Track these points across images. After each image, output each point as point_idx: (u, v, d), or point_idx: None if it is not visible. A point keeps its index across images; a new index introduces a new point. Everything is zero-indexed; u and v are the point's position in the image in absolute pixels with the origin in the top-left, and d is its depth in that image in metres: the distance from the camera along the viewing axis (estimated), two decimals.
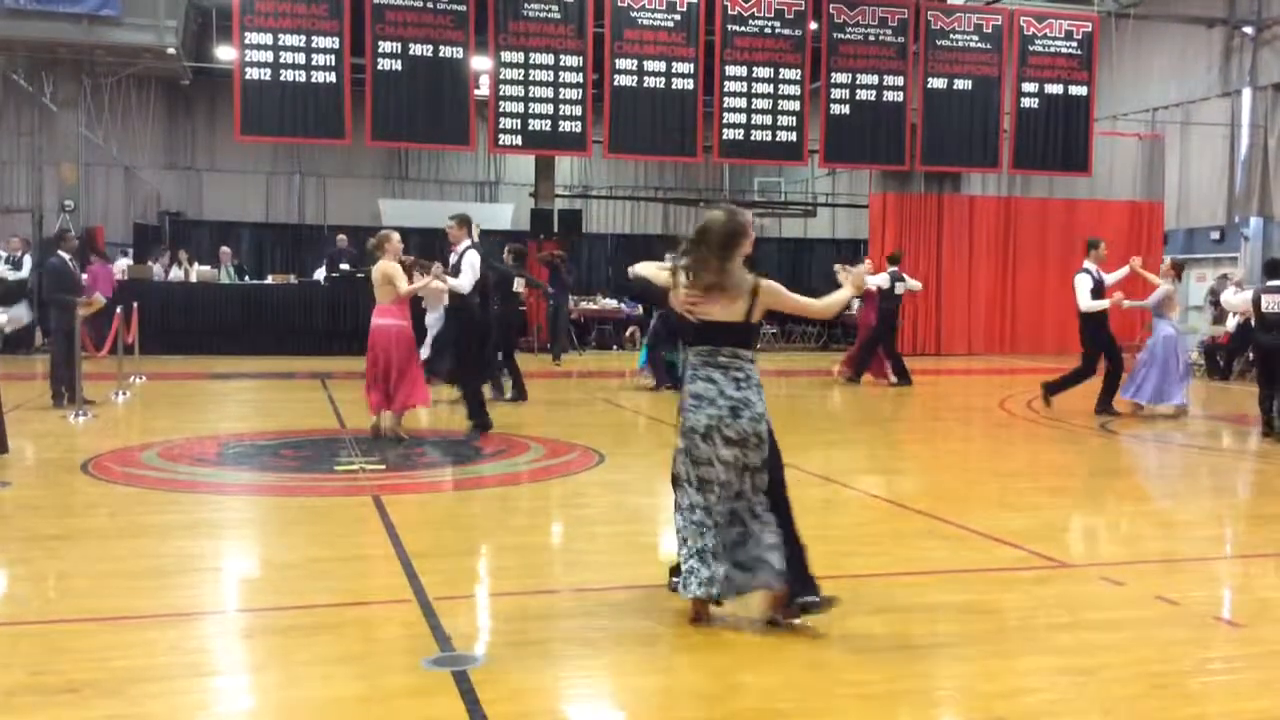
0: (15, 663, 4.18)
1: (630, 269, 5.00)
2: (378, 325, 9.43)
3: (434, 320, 14.43)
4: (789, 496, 4.80)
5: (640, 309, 21.00)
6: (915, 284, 16.24)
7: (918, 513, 7.16)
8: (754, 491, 4.62)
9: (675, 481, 4.72)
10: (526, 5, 18.85)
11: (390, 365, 9.33)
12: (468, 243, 10.03)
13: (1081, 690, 4.07)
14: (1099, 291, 12.06)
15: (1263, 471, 9.64)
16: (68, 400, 11.34)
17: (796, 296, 4.86)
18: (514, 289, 13.49)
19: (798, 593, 4.60)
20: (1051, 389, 12.61)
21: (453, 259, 10.09)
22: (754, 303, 4.60)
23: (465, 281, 9.90)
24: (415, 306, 11.53)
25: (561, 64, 19.03)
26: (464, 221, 10.15)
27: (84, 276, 14.04)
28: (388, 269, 9.29)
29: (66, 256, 11.96)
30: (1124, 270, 12.62)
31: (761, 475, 4.63)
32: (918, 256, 21.75)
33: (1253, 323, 10.55)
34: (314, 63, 18.05)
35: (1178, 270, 12.61)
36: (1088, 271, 12.12)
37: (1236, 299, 10.64)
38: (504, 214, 29.34)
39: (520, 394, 12.70)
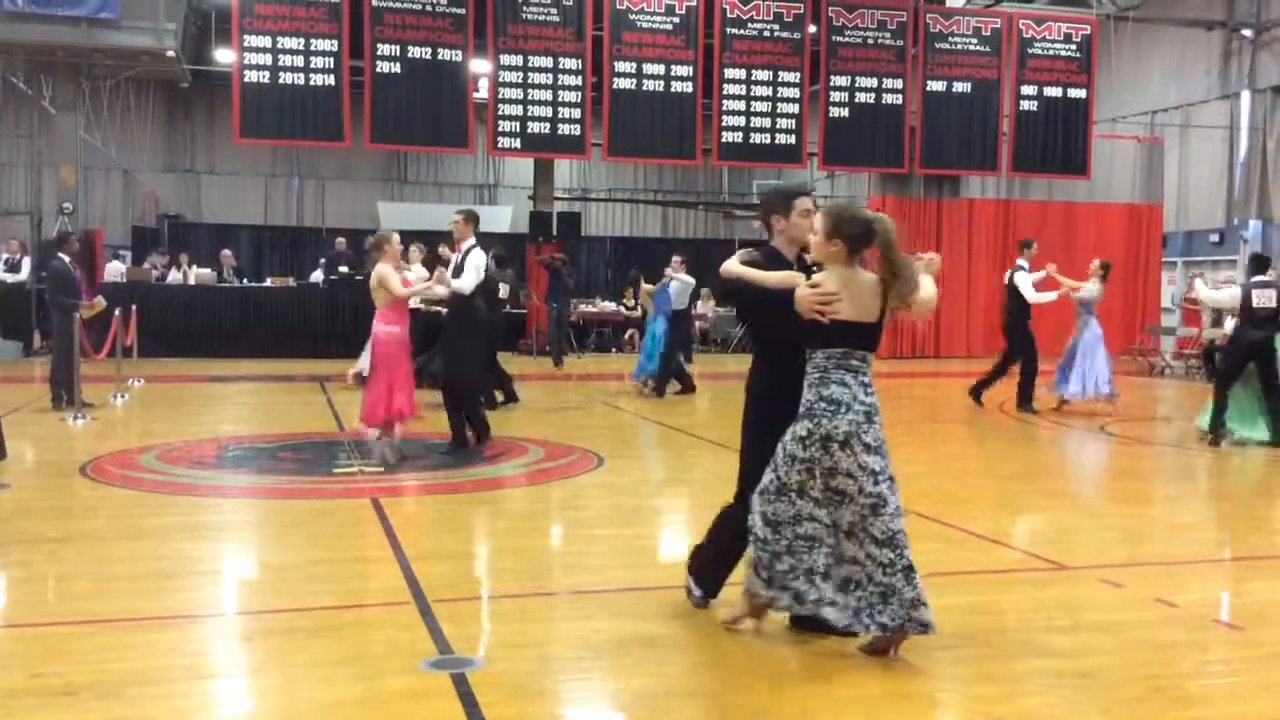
0: (14, 665, 4.18)
1: (726, 267, 4.55)
2: (375, 332, 8.76)
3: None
4: None
5: (640, 311, 20.99)
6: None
7: (917, 515, 7.14)
8: (892, 502, 4.28)
9: (769, 493, 4.36)
10: (525, 8, 18.85)
11: (383, 375, 8.56)
12: (473, 241, 9.20)
13: (1080, 693, 4.07)
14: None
15: (1261, 473, 9.64)
16: (67, 403, 11.34)
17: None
18: (499, 295, 13.41)
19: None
20: (1024, 402, 12.90)
21: (455, 258, 9.30)
22: (885, 303, 4.34)
23: (467, 282, 9.05)
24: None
25: (560, 67, 19.03)
26: (470, 217, 9.31)
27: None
28: (381, 273, 8.61)
29: (67, 259, 11.96)
30: (1041, 273, 13.02)
31: (894, 485, 4.33)
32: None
33: (1234, 320, 10.49)
34: (313, 65, 18.04)
35: (1106, 270, 12.96)
36: (1024, 268, 12.85)
37: (1223, 294, 10.51)
38: (503, 216, 29.33)
39: (510, 397, 12.63)
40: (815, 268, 4.48)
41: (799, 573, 4.30)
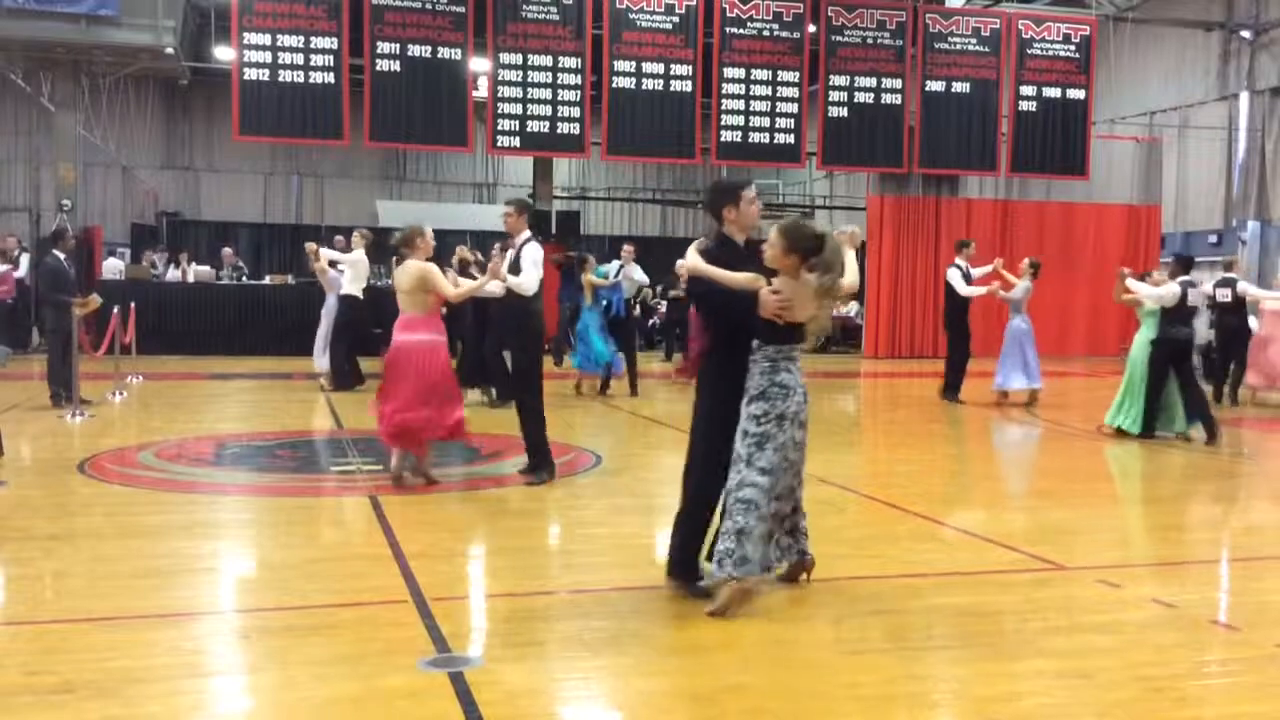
0: (10, 663, 4.18)
1: (694, 266, 5.08)
2: (405, 342, 7.67)
3: (329, 309, 14.40)
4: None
5: (639, 310, 20.96)
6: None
7: (914, 515, 7.17)
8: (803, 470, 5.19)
9: (748, 466, 4.93)
10: (525, 7, 18.85)
11: (428, 389, 7.62)
12: (528, 234, 8.00)
13: (1077, 693, 4.08)
14: (967, 283, 13.61)
15: (1259, 474, 9.65)
16: (65, 400, 11.33)
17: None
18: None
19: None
20: (949, 391, 13.61)
21: (510, 254, 8.10)
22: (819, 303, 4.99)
23: (530, 280, 7.84)
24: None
25: (560, 65, 19.03)
26: (524, 208, 8.16)
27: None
28: (424, 271, 7.65)
29: (63, 256, 11.95)
30: (988, 268, 13.88)
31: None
32: (915, 259, 21.78)
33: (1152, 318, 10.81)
34: (312, 63, 18.04)
35: (1035, 269, 13.64)
36: (958, 266, 13.66)
37: (1163, 291, 10.66)
38: None
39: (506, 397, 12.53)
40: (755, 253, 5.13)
41: (731, 534, 4.92)
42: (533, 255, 7.90)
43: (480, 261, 12.01)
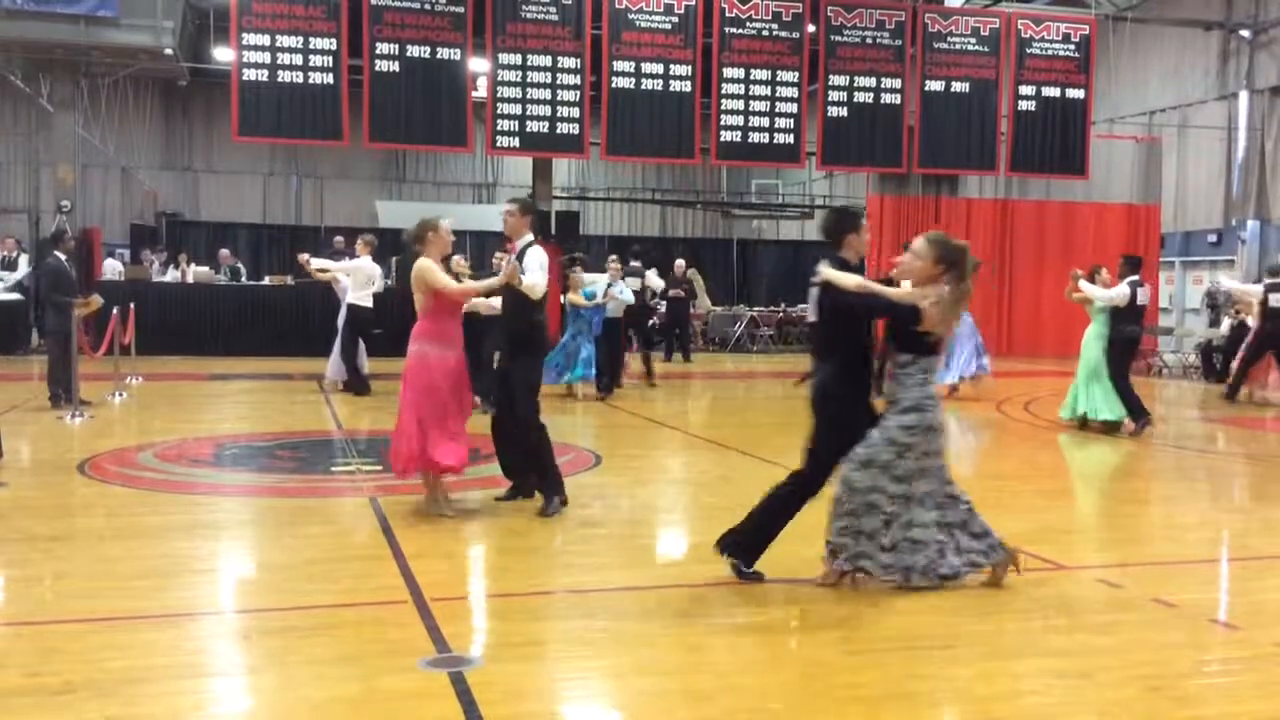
0: (11, 663, 4.18)
1: (844, 281, 5.22)
2: (408, 353, 6.84)
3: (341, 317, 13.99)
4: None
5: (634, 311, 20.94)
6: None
7: None
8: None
9: (854, 463, 5.19)
10: (524, 7, 18.83)
11: (410, 409, 6.77)
12: (529, 237, 7.20)
13: (1078, 693, 4.08)
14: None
15: (1259, 474, 9.65)
16: (65, 401, 11.33)
17: None
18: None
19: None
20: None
21: (509, 257, 7.24)
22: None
23: (538, 282, 7.01)
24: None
25: (559, 66, 19.01)
26: (527, 208, 7.39)
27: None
28: (419, 268, 6.82)
29: (63, 257, 11.95)
30: None
31: None
32: None
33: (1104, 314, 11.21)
34: (311, 64, 18.02)
35: (975, 268, 13.59)
36: None
37: (1114, 292, 10.93)
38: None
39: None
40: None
41: (851, 532, 5.21)
42: (538, 258, 7.13)
43: (475, 275, 11.79)
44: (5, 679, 4.00)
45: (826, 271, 5.27)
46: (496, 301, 7.39)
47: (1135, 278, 11.18)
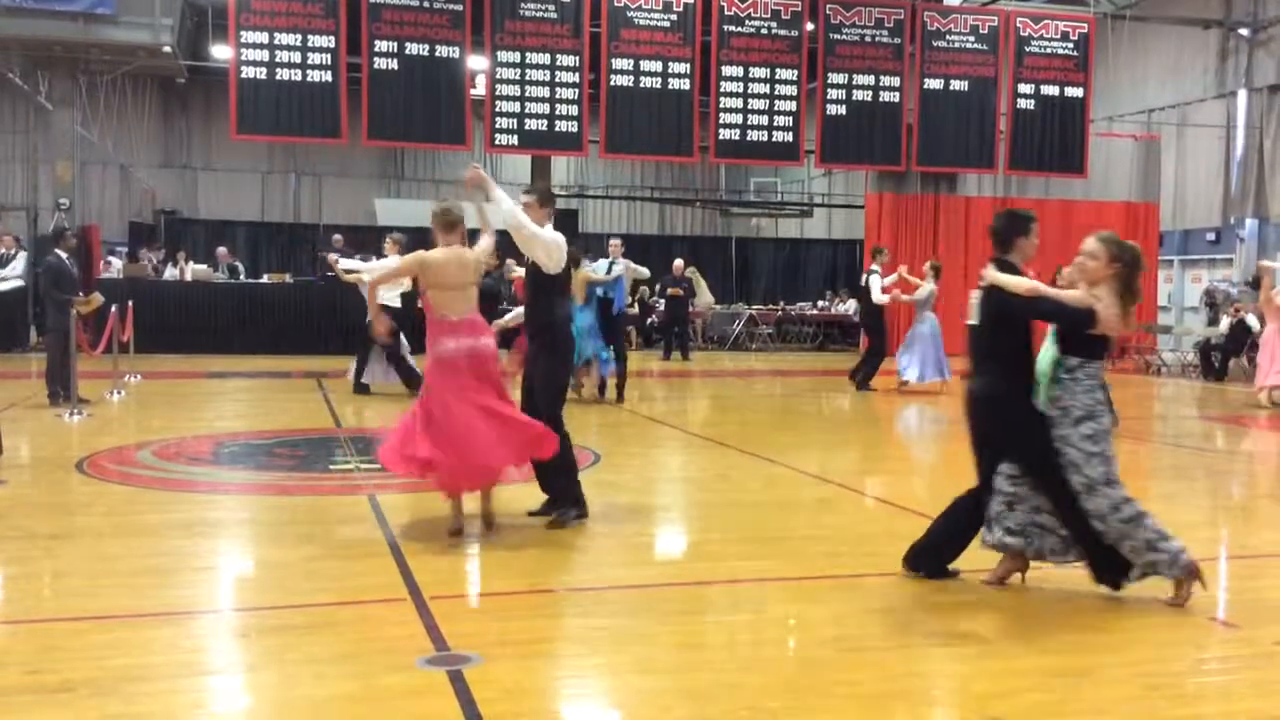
0: (10, 661, 4.17)
1: (1014, 284, 5.14)
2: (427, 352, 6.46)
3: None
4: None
5: (638, 309, 20.99)
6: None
7: (913, 513, 7.15)
8: None
9: (1094, 494, 5.06)
10: (523, 5, 18.82)
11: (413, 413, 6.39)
12: (549, 228, 6.79)
13: (1076, 691, 4.08)
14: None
15: (1259, 473, 9.65)
16: (63, 399, 11.32)
17: None
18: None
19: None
20: (856, 377, 14.79)
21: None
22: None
23: (553, 258, 6.72)
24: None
25: (558, 64, 19.01)
26: (546, 199, 6.95)
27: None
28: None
29: (64, 255, 11.94)
30: (894, 276, 14.99)
31: None
32: (914, 257, 21.73)
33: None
34: (310, 61, 18.01)
35: (936, 271, 14.70)
36: (876, 272, 14.83)
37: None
38: None
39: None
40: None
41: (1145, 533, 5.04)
42: (553, 236, 6.70)
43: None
44: (4, 677, 4.00)
45: (994, 275, 5.17)
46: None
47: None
